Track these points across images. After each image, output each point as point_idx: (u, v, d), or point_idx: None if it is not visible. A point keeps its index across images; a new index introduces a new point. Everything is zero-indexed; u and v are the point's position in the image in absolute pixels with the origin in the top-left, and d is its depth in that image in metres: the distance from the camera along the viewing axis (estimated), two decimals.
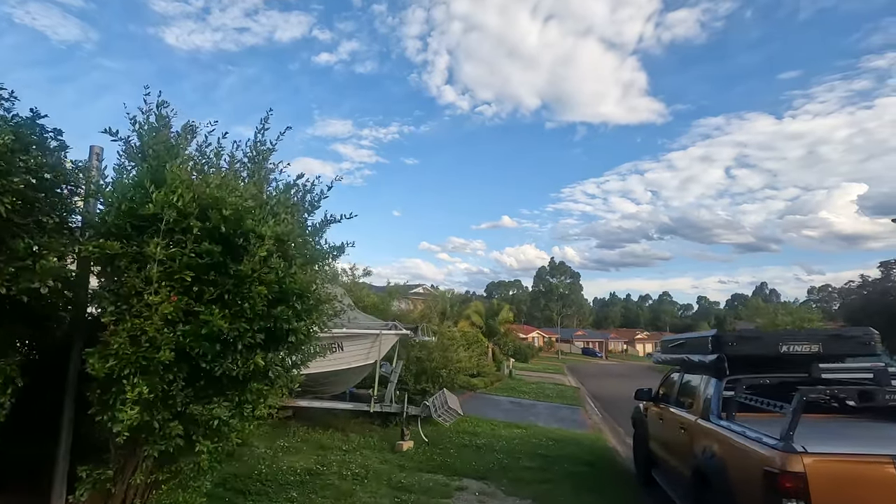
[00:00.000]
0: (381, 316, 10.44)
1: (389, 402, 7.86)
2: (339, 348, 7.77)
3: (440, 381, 9.50)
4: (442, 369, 9.46)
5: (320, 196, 3.79)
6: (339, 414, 8.58)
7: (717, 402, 4.49)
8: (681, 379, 5.79)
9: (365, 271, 11.87)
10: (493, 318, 24.53)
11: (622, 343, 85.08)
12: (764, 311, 32.09)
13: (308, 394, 8.52)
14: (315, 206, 3.78)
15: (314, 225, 3.79)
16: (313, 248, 3.69)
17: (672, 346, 6.02)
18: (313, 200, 3.78)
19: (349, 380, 8.20)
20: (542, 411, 13.56)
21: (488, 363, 22.41)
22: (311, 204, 3.77)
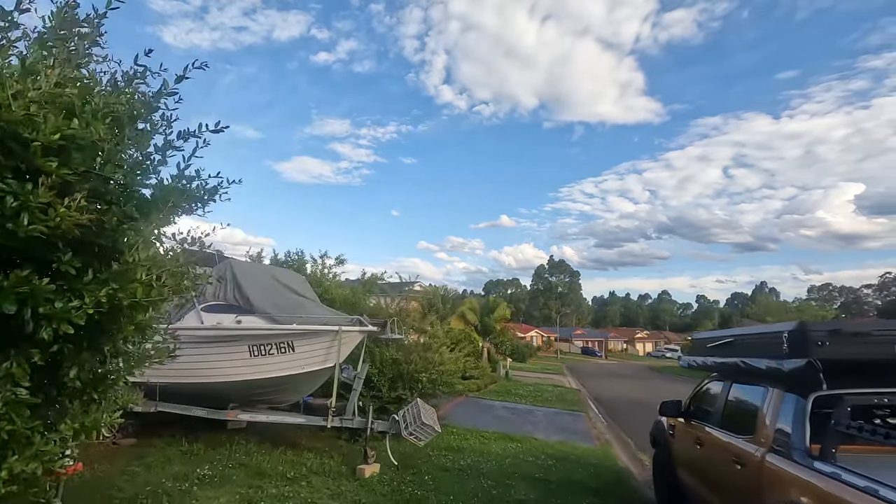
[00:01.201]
0: (354, 312, 8.94)
1: (351, 416, 6.36)
2: (289, 348, 6.27)
3: (419, 388, 7.99)
4: (422, 373, 7.94)
5: (164, 93, 2.25)
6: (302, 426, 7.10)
7: (801, 430, 2.99)
8: (727, 390, 4.29)
9: (338, 260, 10.37)
10: (488, 316, 23.01)
11: (622, 342, 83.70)
12: (775, 308, 30.67)
13: (258, 403, 7.02)
14: (151, 107, 2.24)
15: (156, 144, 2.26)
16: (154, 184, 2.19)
17: (713, 346, 4.52)
18: (148, 101, 2.24)
19: (303, 387, 6.70)
20: (541, 419, 12.06)
21: (482, 363, 20.92)
22: (144, 104, 2.23)
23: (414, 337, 8.76)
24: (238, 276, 6.65)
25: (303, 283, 7.73)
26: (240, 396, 6.85)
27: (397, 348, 8.35)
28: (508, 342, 37.62)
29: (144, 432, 6.77)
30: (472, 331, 21.92)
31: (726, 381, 4.37)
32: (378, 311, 8.72)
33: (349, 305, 8.84)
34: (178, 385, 6.74)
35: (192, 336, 6.56)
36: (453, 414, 11.11)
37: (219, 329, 6.32)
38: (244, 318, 6.35)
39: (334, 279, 9.86)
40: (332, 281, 9.46)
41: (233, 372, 6.45)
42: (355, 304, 8.83)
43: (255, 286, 6.64)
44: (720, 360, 4.24)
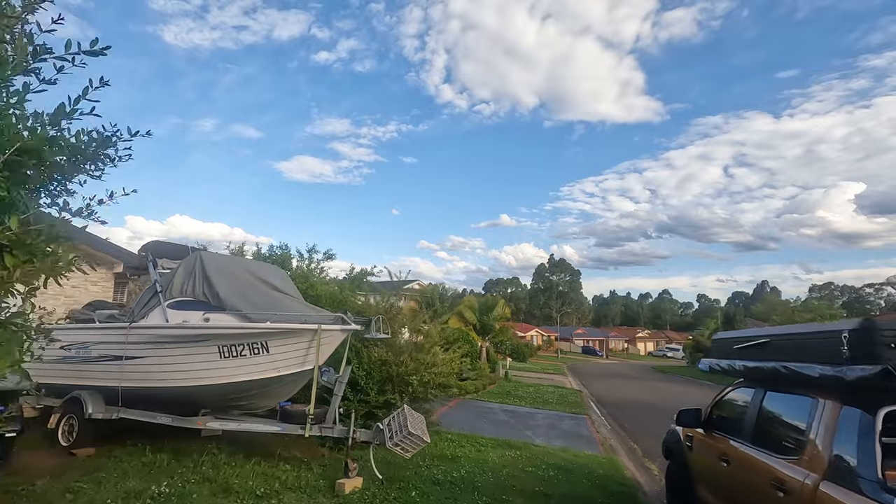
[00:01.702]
0: (341, 310, 8.36)
1: (332, 424, 5.74)
2: (263, 349, 5.65)
3: (410, 391, 7.37)
4: (412, 375, 7.31)
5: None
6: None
7: (871, 455, 2.37)
8: (759, 400, 3.67)
9: (326, 255, 9.74)
10: (487, 315, 22.35)
11: (623, 341, 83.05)
12: (781, 307, 29.98)
13: (233, 409, 6.40)
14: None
15: None
16: None
17: (742, 348, 3.89)
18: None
19: (280, 392, 6.08)
20: (541, 423, 11.45)
21: (481, 364, 20.29)
22: None
23: (405, 336, 8.14)
24: (207, 270, 6.03)
25: (283, 278, 7.11)
26: (211, 402, 6.24)
27: (387, 349, 7.73)
28: (508, 342, 37.02)
29: (107, 440, 6.17)
30: (470, 330, 21.27)
31: (758, 389, 3.75)
32: (367, 309, 8.10)
33: (336, 303, 8.22)
34: (143, 389, 6.15)
35: (156, 336, 5.96)
36: (448, 418, 10.50)
37: (184, 328, 5.71)
38: (213, 316, 5.73)
39: (321, 275, 9.24)
40: (318, 277, 8.83)
41: (202, 375, 5.84)
42: (342, 302, 8.21)
43: (226, 281, 6.02)
44: (752, 363, 3.62)
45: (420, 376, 7.37)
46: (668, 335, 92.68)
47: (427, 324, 8.47)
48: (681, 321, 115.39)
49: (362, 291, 9.24)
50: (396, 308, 8.36)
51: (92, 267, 9.40)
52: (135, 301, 6.55)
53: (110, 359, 6.13)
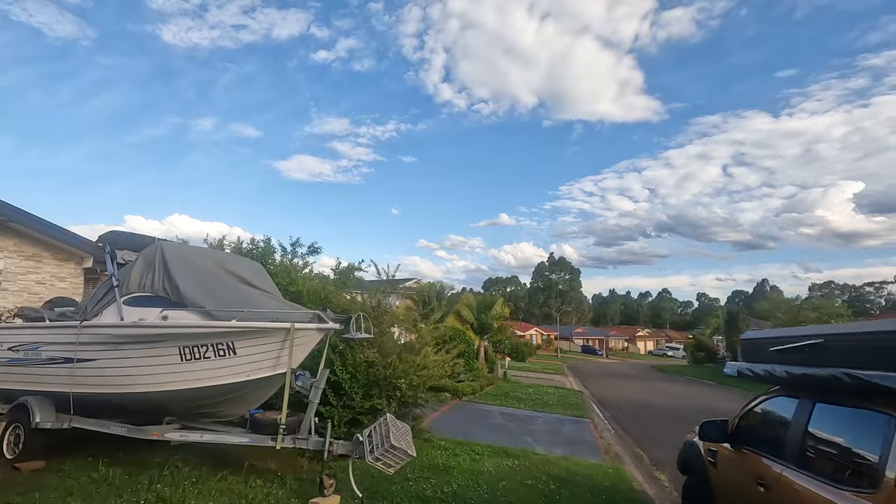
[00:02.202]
0: (324, 307, 7.74)
1: (306, 434, 5.10)
2: (229, 350, 5.02)
3: (398, 396, 6.74)
4: (401, 378, 6.68)
5: None
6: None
7: None
8: (806, 413, 3.04)
9: (311, 249, 9.10)
10: (485, 313, 21.71)
11: (623, 341, 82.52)
12: (785, 305, 29.35)
13: (200, 417, 5.77)
14: None
15: None
16: None
17: (783, 350, 3.26)
18: None
19: (250, 398, 5.45)
20: (541, 427, 10.83)
21: (479, 364, 19.68)
22: None
23: (395, 336, 7.51)
24: (168, 261, 5.39)
25: (258, 273, 6.47)
26: (174, 409, 5.61)
27: (374, 349, 7.10)
28: (507, 341, 36.43)
29: (58, 452, 5.54)
30: (467, 329, 20.65)
31: (803, 399, 3.12)
32: (353, 306, 7.46)
33: (319, 300, 7.58)
34: (97, 395, 5.51)
35: (108, 336, 5.32)
36: (443, 422, 9.87)
37: (139, 327, 5.07)
38: (171, 313, 5.09)
39: (304, 270, 8.60)
40: (301, 272, 8.18)
41: (161, 380, 5.20)
42: (326, 299, 7.57)
43: (188, 274, 5.38)
44: (800, 369, 2.99)
45: (409, 379, 6.74)
46: (668, 334, 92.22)
47: (418, 322, 7.83)
48: (680, 320, 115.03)
49: (351, 288, 8.59)
50: (385, 306, 7.73)
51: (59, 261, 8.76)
52: (89, 297, 5.91)
53: (60, 361, 5.50)
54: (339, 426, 6.70)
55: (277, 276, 7.79)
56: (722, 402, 19.28)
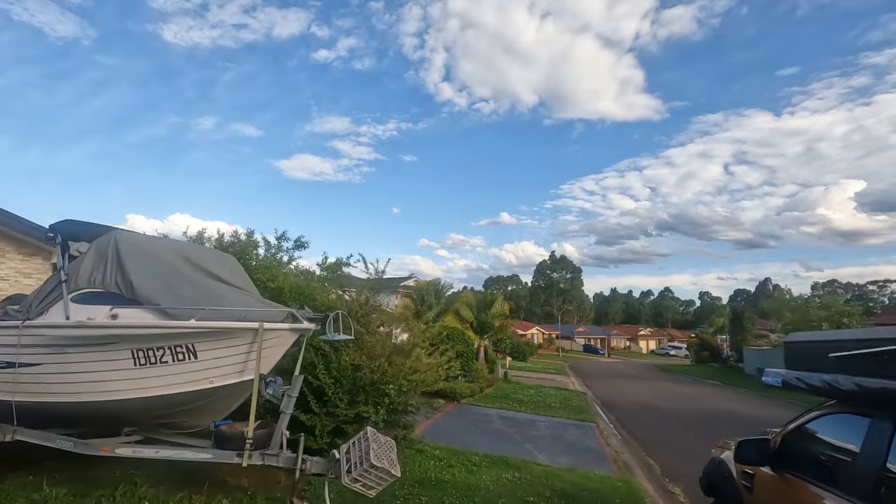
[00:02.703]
0: (307, 305, 7.13)
1: (276, 449, 4.47)
2: (189, 354, 4.39)
3: (386, 403, 6.10)
4: (389, 384, 6.05)
5: None
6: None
7: None
8: (886, 438, 2.39)
9: (297, 243, 8.45)
10: (484, 312, 21.06)
11: (625, 340, 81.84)
12: (795, 303, 28.61)
13: (162, 428, 5.15)
14: None
15: None
16: None
17: (852, 357, 2.60)
18: None
19: (214, 408, 4.82)
20: (544, 433, 10.19)
21: (479, 364, 19.04)
22: None
23: (385, 336, 6.88)
24: (122, 254, 4.76)
25: (230, 267, 5.82)
26: (132, 420, 4.99)
27: (361, 352, 6.47)
28: (508, 340, 35.80)
29: (5, 468, 4.93)
30: (466, 328, 20.01)
31: (880, 421, 2.48)
32: (338, 304, 6.83)
33: (303, 298, 6.96)
34: (44, 405, 4.87)
35: (52, 337, 4.69)
36: (438, 429, 9.26)
37: (85, 327, 4.44)
38: (122, 312, 4.46)
39: (289, 265, 7.97)
40: (283, 267, 7.54)
41: (114, 387, 4.57)
42: (310, 297, 6.95)
43: (145, 267, 4.75)
44: (876, 383, 2.34)
45: (398, 384, 6.11)
46: (670, 333, 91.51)
47: (410, 321, 7.20)
48: (682, 319, 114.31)
49: (340, 285, 7.96)
50: (374, 304, 7.09)
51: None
52: (34, 293, 5.28)
53: (2, 366, 4.87)
54: (322, 436, 6.09)
55: (258, 272, 7.17)
56: (730, 403, 18.66)
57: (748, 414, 15.85)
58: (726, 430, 12.43)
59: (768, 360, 29.77)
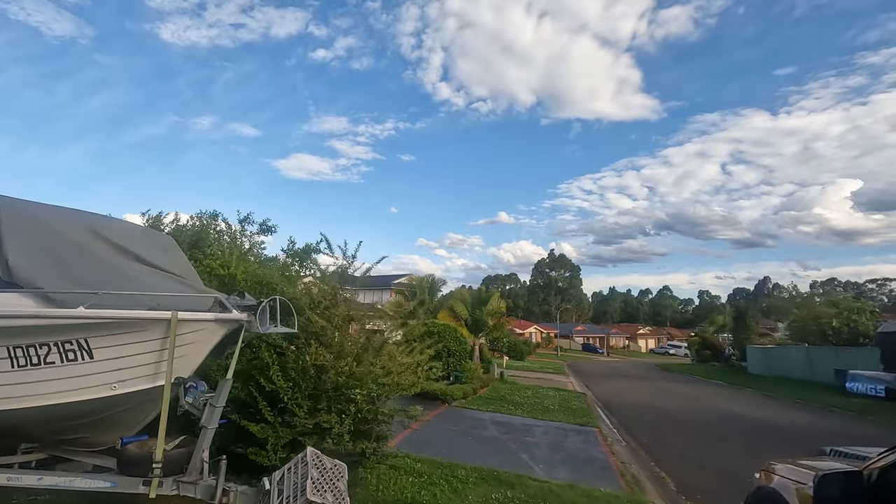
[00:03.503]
0: (269, 296, 6.16)
1: (195, 475, 3.48)
2: (82, 352, 3.39)
3: (353, 411, 5.10)
4: (355, 389, 5.05)
5: None
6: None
7: None
8: None
9: (263, 227, 7.43)
10: (479, 309, 20.06)
11: (624, 339, 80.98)
12: (805, 301, 27.62)
13: (59, 445, 4.14)
14: None
15: None
16: None
17: None
18: None
19: (120, 420, 3.83)
20: (541, 440, 9.20)
21: (473, 364, 18.06)
22: None
23: (354, 331, 5.87)
24: (3, 225, 3.74)
25: (163, 246, 4.82)
26: (24, 434, 3.98)
27: (327, 350, 5.47)
28: (505, 339, 34.83)
29: None
30: (460, 326, 19.01)
31: None
32: (302, 295, 5.82)
33: (261, 288, 5.95)
34: None
35: None
36: (423, 435, 8.27)
37: None
38: None
39: (250, 251, 6.95)
40: (244, 253, 6.52)
41: None
42: (270, 287, 5.94)
43: (28, 242, 3.73)
44: None
45: (367, 389, 5.10)
46: (669, 332, 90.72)
47: (386, 316, 6.17)
48: (681, 318, 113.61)
49: (310, 273, 6.95)
50: (342, 295, 6.09)
51: None
52: None
53: None
54: (275, 450, 5.10)
55: (210, 258, 6.16)
56: (738, 404, 17.71)
57: (760, 417, 14.90)
58: (742, 436, 11.43)
59: (774, 359, 28.88)
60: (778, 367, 27.71)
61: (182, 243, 6.81)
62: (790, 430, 12.52)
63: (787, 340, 30.63)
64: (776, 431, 12.22)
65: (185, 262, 5.12)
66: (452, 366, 14.20)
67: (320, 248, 7.10)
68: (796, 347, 27.54)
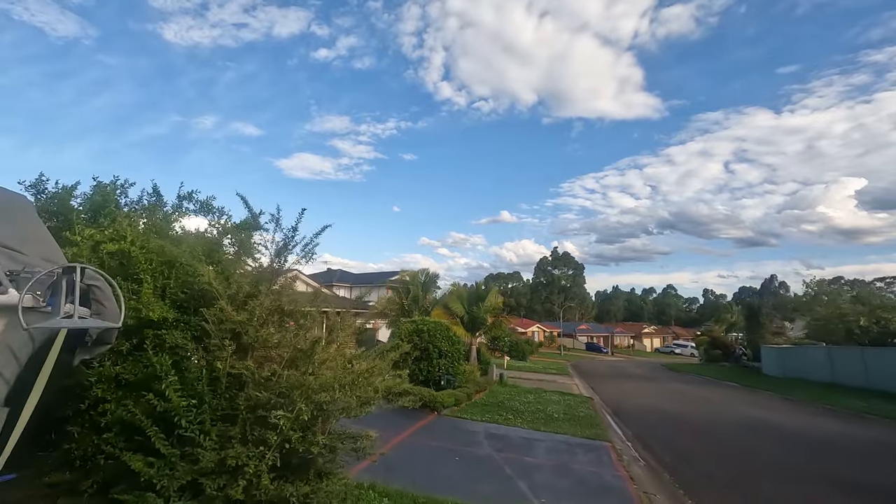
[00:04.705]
0: (179, 282, 4.75)
1: None
2: None
3: (276, 443, 3.59)
4: (279, 410, 3.53)
5: None
6: None
7: None
8: None
9: (203, 204, 5.92)
10: (476, 306, 18.53)
11: (628, 338, 79.27)
12: (832, 297, 25.88)
13: None
14: None
15: None
16: None
17: None
18: None
19: None
20: (543, 461, 7.67)
21: (470, 366, 16.53)
22: None
23: (291, 330, 4.34)
24: None
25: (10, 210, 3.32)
26: None
27: (249, 353, 3.96)
28: (506, 338, 33.29)
29: None
30: (456, 324, 17.49)
31: None
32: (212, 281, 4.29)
33: (167, 269, 4.44)
34: None
35: None
36: (400, 455, 6.76)
37: None
38: None
39: (172, 224, 5.46)
40: (160, 227, 5.00)
41: None
42: (179, 267, 4.42)
43: None
44: None
45: (295, 410, 3.57)
46: (674, 331, 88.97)
47: (316, 307, 4.59)
48: (686, 316, 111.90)
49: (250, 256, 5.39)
50: (287, 286, 4.57)
51: None
52: None
53: None
54: (168, 497, 3.59)
55: (97, 230, 4.67)
56: (762, 410, 16.10)
57: (793, 426, 13.30)
58: (786, 451, 9.42)
59: (791, 359, 27.24)
60: (795, 367, 26.08)
61: (79, 213, 5.34)
62: (834, 441, 10.94)
63: (804, 340, 28.97)
64: (818, 443, 10.63)
65: (37, 227, 3.61)
66: (444, 368, 12.67)
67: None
68: (815, 347, 25.89)
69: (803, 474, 7.99)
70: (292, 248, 4.74)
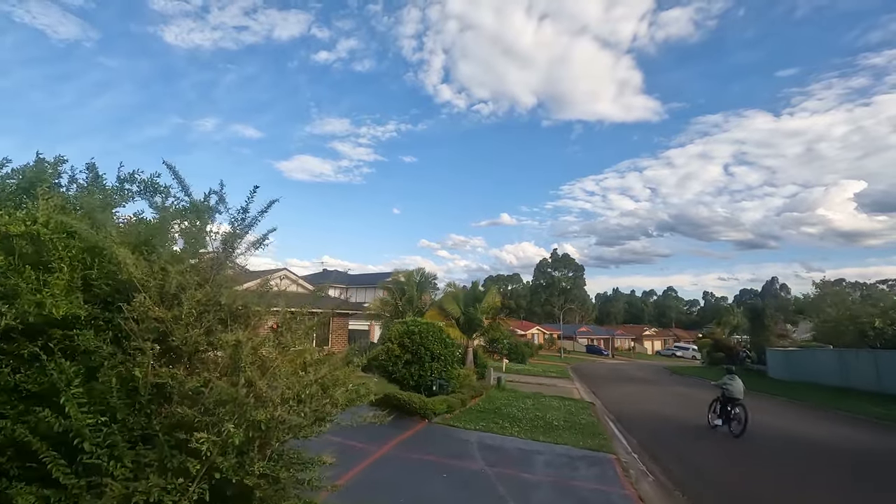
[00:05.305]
0: (101, 273, 3.95)
1: None
2: None
3: (198, 472, 2.85)
4: (202, 430, 2.77)
5: None
6: None
7: None
8: None
9: (148, 185, 5.17)
10: (473, 306, 17.76)
11: (629, 340, 78.42)
12: (840, 298, 25.09)
13: None
14: None
15: None
16: None
17: None
18: None
19: None
20: (542, 477, 6.89)
21: (466, 370, 15.75)
22: None
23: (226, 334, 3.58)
24: None
25: None
26: None
27: (176, 359, 3.20)
28: (505, 340, 32.51)
29: None
30: (451, 326, 16.72)
31: None
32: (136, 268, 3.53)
33: (85, 256, 3.68)
34: None
35: None
36: (381, 472, 5.98)
37: None
38: None
39: (111, 208, 4.73)
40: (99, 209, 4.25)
41: None
42: (103, 256, 3.67)
43: None
44: None
45: (225, 431, 2.81)
46: (675, 333, 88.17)
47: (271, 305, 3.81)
48: (687, 319, 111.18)
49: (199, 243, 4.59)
50: (232, 279, 3.82)
51: None
52: None
53: None
54: None
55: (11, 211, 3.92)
56: (773, 416, 15.28)
57: (815, 435, 12.52)
58: (812, 463, 8.37)
59: (798, 362, 26.45)
60: (803, 371, 25.28)
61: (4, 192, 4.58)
62: (869, 452, 10.15)
63: (811, 342, 28.18)
64: (850, 453, 9.84)
65: None
66: (436, 372, 11.89)
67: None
68: (824, 350, 25.11)
69: (837, 490, 7.20)
70: (242, 234, 3.99)
